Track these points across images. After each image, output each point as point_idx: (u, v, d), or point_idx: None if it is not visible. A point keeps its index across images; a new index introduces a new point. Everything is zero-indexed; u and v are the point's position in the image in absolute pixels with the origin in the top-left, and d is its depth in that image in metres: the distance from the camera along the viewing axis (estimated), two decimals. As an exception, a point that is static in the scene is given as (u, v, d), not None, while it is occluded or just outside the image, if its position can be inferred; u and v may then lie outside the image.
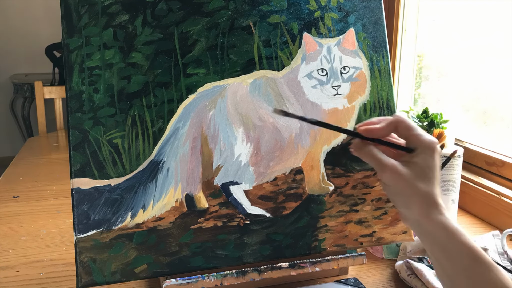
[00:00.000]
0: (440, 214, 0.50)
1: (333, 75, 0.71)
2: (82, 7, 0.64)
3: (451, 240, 0.48)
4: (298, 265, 0.70)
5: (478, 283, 0.45)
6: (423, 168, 0.52)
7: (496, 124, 1.20)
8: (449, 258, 0.48)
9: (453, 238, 0.48)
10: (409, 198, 0.51)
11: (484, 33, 1.22)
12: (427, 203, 0.50)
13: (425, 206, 0.50)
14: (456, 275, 0.47)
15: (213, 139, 0.67)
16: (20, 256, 0.83)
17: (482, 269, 0.46)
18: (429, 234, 0.50)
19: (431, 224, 0.50)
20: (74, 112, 0.63)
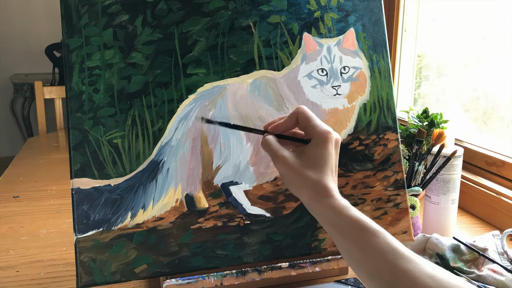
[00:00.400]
0: (328, 197, 0.53)
1: (333, 75, 0.71)
2: (82, 7, 0.64)
3: (339, 217, 0.52)
4: (298, 265, 0.70)
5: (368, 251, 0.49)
6: (313, 157, 0.55)
7: (496, 124, 1.20)
8: (341, 233, 0.52)
9: (340, 215, 0.52)
10: (299, 185, 0.56)
11: (484, 33, 1.22)
12: (315, 189, 0.54)
13: (314, 192, 0.54)
14: (350, 248, 0.51)
15: (213, 139, 0.67)
16: (20, 256, 0.83)
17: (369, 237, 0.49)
18: (321, 215, 0.54)
19: (320, 206, 0.54)
20: (74, 112, 0.63)
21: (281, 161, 0.57)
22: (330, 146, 0.56)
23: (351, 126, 0.72)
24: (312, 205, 0.55)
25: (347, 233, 0.51)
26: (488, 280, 0.70)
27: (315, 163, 0.55)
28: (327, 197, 0.54)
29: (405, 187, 0.74)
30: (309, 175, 0.55)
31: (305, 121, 0.58)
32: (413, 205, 0.83)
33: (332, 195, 0.54)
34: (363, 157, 0.73)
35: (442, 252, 0.76)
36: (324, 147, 0.56)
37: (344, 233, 0.51)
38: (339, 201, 0.53)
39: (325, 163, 0.55)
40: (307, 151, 0.56)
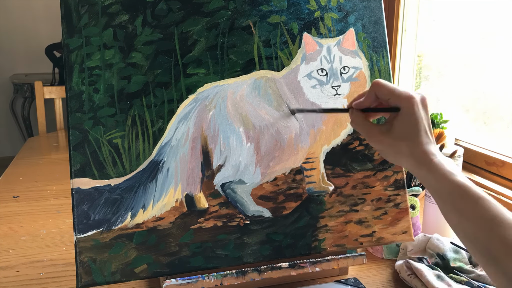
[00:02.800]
0: (427, 163, 0.53)
1: (333, 75, 0.71)
2: (82, 7, 0.64)
3: (440, 183, 0.52)
4: (298, 265, 0.70)
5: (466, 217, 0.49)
6: (403, 127, 0.55)
7: (496, 124, 1.20)
8: (440, 198, 0.52)
9: (441, 181, 0.52)
10: (396, 156, 0.56)
11: (484, 33, 1.22)
12: (413, 157, 0.54)
13: (413, 160, 0.54)
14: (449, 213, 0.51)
15: (213, 139, 0.67)
16: (20, 256, 0.83)
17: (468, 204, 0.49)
18: (422, 180, 0.54)
19: (421, 173, 0.54)
20: (74, 112, 0.63)
21: (374, 138, 0.57)
22: (417, 109, 0.55)
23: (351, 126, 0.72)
24: (414, 171, 0.55)
25: (447, 199, 0.51)
26: (488, 280, 0.70)
27: (407, 131, 0.55)
28: (427, 163, 0.53)
29: (405, 187, 0.74)
30: (404, 145, 0.55)
31: (387, 94, 0.56)
32: (413, 205, 0.83)
33: (431, 160, 0.53)
34: (363, 157, 0.73)
35: (442, 252, 0.76)
36: (411, 113, 0.54)
37: (444, 198, 0.52)
38: (439, 165, 0.53)
39: (417, 128, 0.54)
40: (396, 122, 0.55)
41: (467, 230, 0.49)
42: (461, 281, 0.70)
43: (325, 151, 0.71)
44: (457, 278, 0.71)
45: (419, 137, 0.55)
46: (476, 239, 0.48)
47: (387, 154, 0.58)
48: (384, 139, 0.56)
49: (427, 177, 0.53)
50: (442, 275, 0.70)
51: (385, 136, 0.56)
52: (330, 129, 0.71)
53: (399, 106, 0.55)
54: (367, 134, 0.58)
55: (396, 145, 0.55)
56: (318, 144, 0.71)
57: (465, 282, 0.70)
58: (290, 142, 0.70)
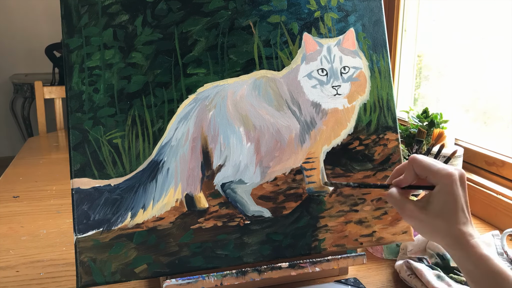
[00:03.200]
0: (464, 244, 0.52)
1: (333, 75, 0.71)
2: (82, 7, 0.64)
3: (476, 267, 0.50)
4: (298, 265, 0.70)
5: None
6: (440, 205, 0.53)
7: (496, 124, 1.20)
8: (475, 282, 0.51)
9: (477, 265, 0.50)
10: (432, 234, 0.55)
11: (484, 33, 1.22)
12: (449, 236, 0.53)
13: (449, 240, 0.53)
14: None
15: (213, 139, 0.67)
16: (20, 256, 0.83)
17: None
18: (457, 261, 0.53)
19: (456, 253, 0.52)
20: (74, 112, 0.63)
21: (408, 214, 0.55)
22: (456, 188, 0.53)
23: (351, 126, 0.72)
24: (449, 251, 0.54)
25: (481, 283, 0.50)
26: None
27: (443, 210, 0.53)
28: (464, 244, 0.52)
29: (405, 187, 0.74)
30: (439, 224, 0.53)
31: (424, 170, 0.56)
32: (413, 205, 0.83)
33: (468, 241, 0.51)
34: (363, 157, 0.73)
35: (442, 252, 0.76)
36: (450, 192, 0.53)
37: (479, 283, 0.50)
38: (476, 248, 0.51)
39: (454, 207, 0.53)
40: (433, 199, 0.54)
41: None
42: (461, 281, 0.70)
43: (325, 151, 0.71)
44: (457, 278, 0.71)
45: (457, 216, 0.53)
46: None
47: (423, 231, 0.56)
48: (419, 216, 0.54)
49: (462, 258, 0.52)
50: (442, 275, 0.70)
51: (420, 213, 0.54)
52: (330, 129, 0.71)
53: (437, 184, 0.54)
54: (402, 210, 0.56)
55: (432, 223, 0.54)
56: (318, 144, 0.71)
57: (465, 282, 0.70)
58: (290, 142, 0.70)
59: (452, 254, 0.54)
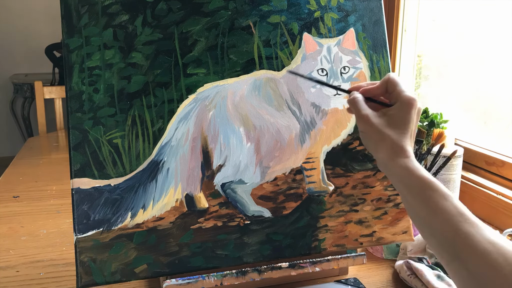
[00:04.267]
0: (404, 157, 0.55)
1: (333, 75, 0.71)
2: (82, 7, 0.64)
3: (411, 177, 0.54)
4: (298, 265, 0.70)
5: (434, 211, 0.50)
6: (395, 119, 0.58)
7: (496, 124, 1.20)
8: (410, 192, 0.53)
9: (412, 175, 0.54)
10: (377, 143, 0.58)
11: (484, 33, 1.22)
12: (392, 148, 0.56)
13: (391, 151, 0.56)
14: (417, 207, 0.53)
15: (213, 139, 0.67)
16: (20, 256, 0.83)
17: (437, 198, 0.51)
18: (394, 174, 0.56)
19: (395, 165, 0.56)
20: (74, 112, 0.63)
21: (364, 119, 0.59)
22: (413, 112, 0.58)
23: (351, 126, 0.72)
24: (388, 163, 0.57)
25: (417, 193, 0.53)
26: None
27: (396, 124, 0.57)
28: (403, 157, 0.55)
29: (405, 187, 0.74)
30: (389, 134, 0.57)
31: (393, 86, 0.60)
32: (413, 205, 0.83)
33: (408, 156, 0.56)
34: (363, 157, 0.73)
35: (442, 252, 0.75)
36: (407, 112, 0.58)
37: (414, 193, 0.53)
38: (413, 162, 0.55)
39: (406, 126, 0.57)
40: (390, 113, 0.59)
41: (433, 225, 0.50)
42: (461, 281, 0.70)
43: (325, 151, 0.71)
44: (457, 278, 0.71)
45: (405, 134, 0.57)
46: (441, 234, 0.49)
47: (369, 139, 0.59)
48: (373, 122, 0.58)
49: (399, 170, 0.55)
50: (442, 275, 0.70)
51: (375, 120, 0.58)
52: (330, 129, 0.71)
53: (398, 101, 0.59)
54: (359, 115, 0.60)
55: (381, 132, 0.57)
56: (318, 144, 0.71)
57: (465, 282, 0.70)
58: (290, 142, 0.70)
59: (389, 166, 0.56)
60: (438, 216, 0.50)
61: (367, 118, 0.59)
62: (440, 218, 0.50)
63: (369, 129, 0.58)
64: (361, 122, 0.60)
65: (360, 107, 0.60)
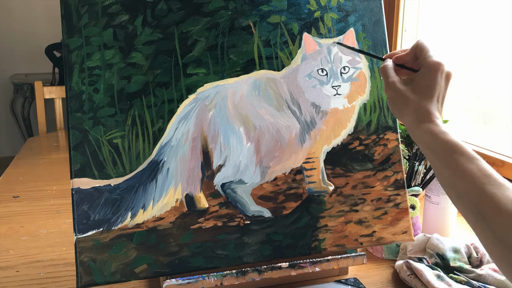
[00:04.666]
0: (429, 122, 0.55)
1: (333, 75, 0.71)
2: (82, 7, 0.64)
3: (436, 141, 0.54)
4: (298, 265, 0.70)
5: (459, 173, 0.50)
6: (419, 84, 0.58)
7: (496, 124, 1.20)
8: (436, 156, 0.54)
9: (438, 139, 0.54)
10: (402, 108, 0.59)
11: (484, 33, 1.22)
12: (416, 112, 0.57)
13: (415, 115, 0.57)
14: (443, 169, 0.53)
15: (213, 139, 0.67)
16: (20, 256, 0.83)
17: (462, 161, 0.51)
18: (419, 138, 0.56)
19: (420, 130, 0.56)
20: (74, 112, 0.63)
21: (390, 85, 0.60)
22: (439, 77, 0.58)
23: (351, 126, 0.72)
24: (413, 128, 0.57)
25: (442, 156, 0.53)
26: (488, 279, 0.70)
27: (421, 89, 0.58)
28: (428, 122, 0.55)
29: (405, 187, 0.74)
30: (413, 98, 0.57)
31: (420, 52, 0.60)
32: (413, 205, 0.83)
33: (433, 121, 0.55)
34: (363, 157, 0.73)
35: (442, 252, 0.76)
36: (433, 76, 0.57)
37: (439, 156, 0.53)
38: (439, 126, 0.55)
39: (432, 90, 0.57)
40: (416, 79, 0.59)
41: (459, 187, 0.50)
42: (461, 281, 0.70)
43: (325, 151, 0.71)
44: (457, 278, 0.71)
45: (431, 98, 0.57)
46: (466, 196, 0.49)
47: (395, 102, 0.60)
48: (399, 88, 0.59)
49: (424, 134, 0.55)
50: (442, 275, 0.70)
51: (401, 85, 0.59)
52: (330, 129, 0.71)
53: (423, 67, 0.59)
54: (387, 80, 0.60)
55: (406, 97, 0.58)
56: (318, 144, 0.71)
57: (465, 282, 0.70)
58: (290, 142, 0.70)
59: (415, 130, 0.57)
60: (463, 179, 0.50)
61: (393, 83, 0.59)
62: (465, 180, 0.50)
63: (394, 94, 0.59)
64: (387, 88, 0.60)
65: (389, 74, 0.61)
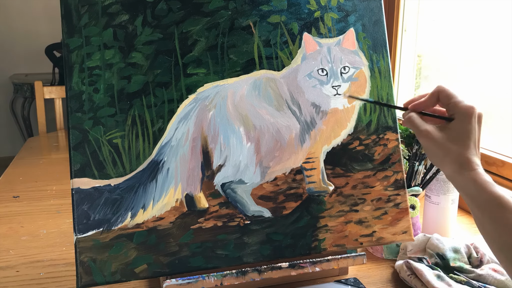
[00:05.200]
0: (471, 170, 0.55)
1: (333, 75, 0.71)
2: (82, 7, 0.64)
3: (479, 191, 0.53)
4: (298, 265, 0.70)
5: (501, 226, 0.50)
6: (456, 132, 0.57)
7: (496, 124, 1.20)
8: (479, 207, 0.53)
9: (481, 190, 0.53)
10: (442, 158, 0.58)
11: (484, 33, 1.22)
12: (458, 162, 0.56)
13: (457, 165, 0.56)
14: (485, 222, 0.53)
15: (213, 139, 0.67)
16: (20, 256, 0.83)
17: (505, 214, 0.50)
18: (462, 187, 0.56)
19: (462, 179, 0.55)
20: (74, 112, 0.63)
21: (424, 135, 0.59)
22: (474, 121, 0.57)
23: (351, 126, 0.72)
24: (455, 177, 0.56)
25: (485, 207, 0.52)
26: (488, 279, 0.70)
27: (458, 137, 0.57)
28: (470, 170, 0.55)
29: (405, 187, 0.74)
30: (452, 148, 0.57)
31: (447, 98, 0.59)
32: (413, 205, 0.83)
33: (475, 169, 0.55)
34: (363, 157, 0.73)
35: (442, 252, 0.76)
36: (468, 122, 0.57)
37: (482, 207, 0.53)
38: (481, 175, 0.55)
39: (468, 137, 0.57)
40: (451, 126, 0.58)
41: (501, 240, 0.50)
42: (461, 281, 0.70)
43: (325, 151, 0.71)
44: (457, 278, 0.71)
45: (469, 146, 0.57)
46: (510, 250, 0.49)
47: (434, 154, 0.59)
48: (436, 137, 0.58)
49: (467, 184, 0.55)
50: (442, 275, 0.70)
51: (438, 135, 0.58)
52: (330, 129, 0.71)
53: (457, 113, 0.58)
54: (419, 131, 0.59)
55: (445, 146, 0.57)
56: (318, 144, 0.71)
57: (465, 282, 0.70)
58: (291, 142, 0.70)
59: (458, 180, 0.56)
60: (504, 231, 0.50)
61: (427, 133, 0.58)
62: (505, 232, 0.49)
63: (432, 144, 0.58)
64: (422, 138, 0.59)
65: (419, 123, 0.60)
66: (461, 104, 0.58)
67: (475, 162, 0.56)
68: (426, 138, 0.58)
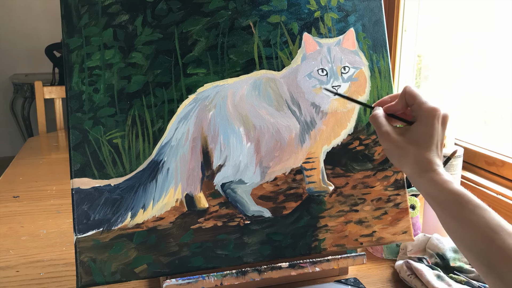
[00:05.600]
0: (431, 171, 0.54)
1: (333, 75, 0.71)
2: (82, 7, 0.64)
3: (440, 191, 0.53)
4: (298, 265, 0.70)
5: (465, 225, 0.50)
6: (417, 134, 0.57)
7: (496, 124, 1.20)
8: (440, 206, 0.53)
9: (441, 189, 0.53)
10: (401, 159, 0.58)
11: (484, 33, 1.22)
12: (417, 163, 0.55)
13: (416, 166, 0.56)
14: (448, 220, 0.52)
15: (213, 139, 0.67)
16: (20, 256, 0.83)
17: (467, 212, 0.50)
18: (422, 188, 0.55)
19: (422, 180, 0.55)
20: (74, 112, 0.63)
21: (385, 136, 0.58)
22: (436, 123, 0.57)
23: (351, 126, 0.72)
24: (415, 178, 0.56)
25: (447, 207, 0.52)
26: (488, 280, 0.70)
27: (418, 139, 0.56)
28: (430, 171, 0.54)
29: (405, 187, 0.74)
30: (411, 150, 0.56)
31: (411, 99, 0.59)
32: (413, 205, 0.83)
33: (434, 169, 0.54)
34: (363, 157, 0.73)
35: (442, 252, 0.76)
36: (430, 124, 0.56)
37: (444, 207, 0.52)
38: (441, 175, 0.54)
39: (429, 139, 0.56)
40: (413, 128, 0.57)
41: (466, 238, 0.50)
42: (461, 281, 0.70)
43: (325, 151, 0.71)
44: (457, 278, 0.71)
45: (430, 147, 0.56)
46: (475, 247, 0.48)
47: (393, 155, 0.59)
48: (395, 139, 0.57)
49: (427, 184, 0.54)
50: (442, 275, 0.70)
51: (397, 137, 0.57)
52: (330, 129, 0.71)
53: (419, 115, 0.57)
54: (381, 131, 0.59)
55: (405, 148, 0.56)
56: (318, 144, 0.71)
57: (465, 282, 0.70)
58: (290, 142, 0.70)
59: (417, 181, 0.56)
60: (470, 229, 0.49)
61: (387, 134, 0.58)
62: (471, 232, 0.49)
63: (391, 145, 0.58)
64: (382, 139, 0.59)
65: (380, 123, 0.59)
66: (424, 106, 0.57)
67: (435, 162, 0.55)
68: (386, 139, 0.58)
